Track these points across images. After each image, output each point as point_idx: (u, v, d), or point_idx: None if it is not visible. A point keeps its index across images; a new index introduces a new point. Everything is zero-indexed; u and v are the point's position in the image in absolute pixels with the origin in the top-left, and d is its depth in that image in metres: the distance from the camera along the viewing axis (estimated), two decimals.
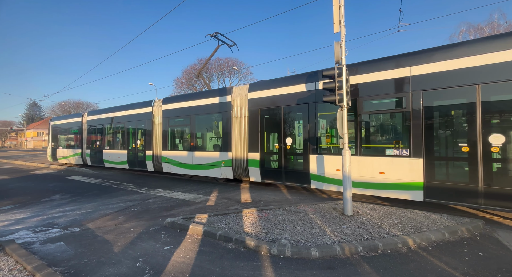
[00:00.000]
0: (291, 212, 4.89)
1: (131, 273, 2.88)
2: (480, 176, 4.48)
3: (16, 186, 8.82)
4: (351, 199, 4.72)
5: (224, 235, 3.72)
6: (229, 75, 31.62)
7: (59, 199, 6.82)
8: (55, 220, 4.91)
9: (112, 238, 3.91)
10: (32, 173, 12.48)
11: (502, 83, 4.40)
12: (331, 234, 3.79)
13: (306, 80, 6.78)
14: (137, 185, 8.64)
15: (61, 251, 3.48)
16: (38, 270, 2.75)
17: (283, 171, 7.09)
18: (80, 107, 49.85)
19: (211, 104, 8.67)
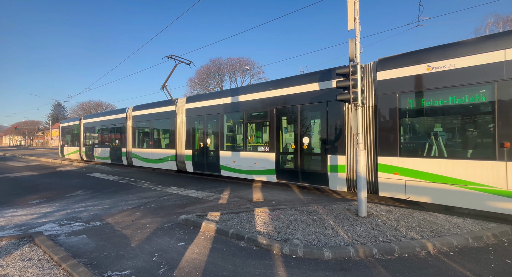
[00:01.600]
0: (303, 212, 4.85)
1: (148, 267, 2.99)
2: (299, 163, 6.83)
3: (43, 182, 9.44)
4: (366, 200, 4.59)
5: (236, 233, 3.76)
6: (241, 74, 31.79)
7: (81, 194, 7.21)
8: (78, 214, 5.20)
9: (129, 233, 4.08)
10: (57, 169, 13.29)
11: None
12: (344, 235, 3.71)
13: (217, 96, 9.01)
14: (153, 182, 8.94)
15: (84, 244, 3.69)
16: (64, 260, 2.94)
17: (205, 163, 9.21)
18: (99, 108, 52.25)
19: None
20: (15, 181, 9.73)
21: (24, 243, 3.58)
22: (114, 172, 11.92)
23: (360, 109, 4.64)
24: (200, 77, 32.41)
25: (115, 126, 13.38)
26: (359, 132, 4.64)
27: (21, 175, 11.32)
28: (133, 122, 12.20)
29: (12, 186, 8.79)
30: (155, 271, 2.89)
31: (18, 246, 3.49)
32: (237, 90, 8.60)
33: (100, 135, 14.90)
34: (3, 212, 5.53)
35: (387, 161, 5.22)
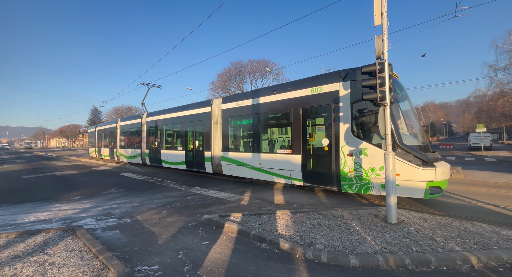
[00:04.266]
0: (327, 216, 4.68)
1: (174, 264, 3.12)
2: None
3: (83, 180, 10.41)
4: (396, 205, 4.28)
5: (258, 235, 3.75)
6: (261, 76, 31.94)
7: (115, 192, 7.79)
8: (112, 211, 5.63)
9: (157, 231, 4.30)
10: (94, 169, 14.56)
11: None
12: (372, 242, 3.50)
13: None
14: (177, 182, 9.33)
15: (117, 238, 3.97)
16: (100, 253, 3.19)
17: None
18: (130, 111, 56.23)
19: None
20: (60, 179, 10.87)
21: (67, 235, 3.97)
22: (143, 172, 12.69)
23: (388, 110, 4.36)
24: (221, 81, 33.26)
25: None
26: (387, 133, 4.36)
27: (65, 173, 12.60)
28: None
29: (57, 183, 9.82)
30: (180, 269, 3.00)
31: (63, 237, 3.87)
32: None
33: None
34: (51, 206, 6.19)
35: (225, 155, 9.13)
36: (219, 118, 9.38)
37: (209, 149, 9.67)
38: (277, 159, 7.39)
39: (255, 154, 8.00)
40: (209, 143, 9.65)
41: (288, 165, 7.08)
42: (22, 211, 5.83)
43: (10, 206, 6.40)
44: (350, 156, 5.78)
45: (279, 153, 7.40)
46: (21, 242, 3.72)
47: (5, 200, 7.00)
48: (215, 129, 9.50)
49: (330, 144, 6.18)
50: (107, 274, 2.79)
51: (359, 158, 5.64)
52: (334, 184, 6.17)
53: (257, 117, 8.02)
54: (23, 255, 3.30)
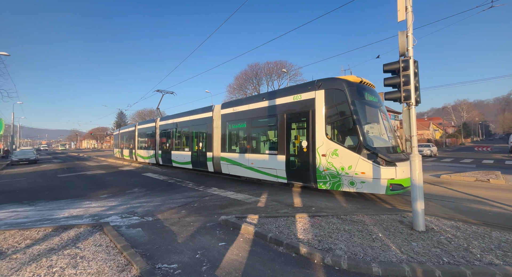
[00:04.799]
0: (347, 221, 4.50)
1: (192, 263, 3.19)
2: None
3: (109, 179, 11.11)
4: (423, 212, 4.00)
5: (275, 238, 3.71)
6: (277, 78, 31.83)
7: (138, 191, 8.20)
8: (135, 209, 5.93)
9: (176, 230, 4.44)
10: (119, 169, 15.47)
11: None
12: (397, 250, 3.29)
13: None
14: (196, 183, 9.58)
15: (140, 236, 4.16)
16: (125, 249, 3.37)
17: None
18: (152, 114, 59.04)
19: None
20: (90, 178, 11.70)
21: (96, 231, 4.24)
22: (164, 172, 13.22)
23: (414, 110, 4.10)
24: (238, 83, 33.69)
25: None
26: (413, 134, 4.10)
27: (94, 173, 13.55)
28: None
29: (88, 182, 10.58)
30: (198, 268, 3.05)
31: (92, 233, 4.15)
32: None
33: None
34: (82, 204, 6.68)
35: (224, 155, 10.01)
36: (219, 123, 10.44)
37: (210, 150, 10.73)
38: (265, 159, 8.15)
39: (248, 155, 8.87)
40: (211, 145, 10.71)
41: (275, 164, 7.81)
42: (57, 207, 6.36)
43: (48, 202, 7.02)
44: (324, 156, 6.42)
45: (267, 154, 8.16)
46: (56, 235, 4.05)
47: (44, 197, 7.69)
48: (215, 132, 10.57)
49: (308, 146, 6.85)
50: (131, 269, 2.93)
51: (332, 158, 6.29)
52: (311, 181, 6.82)
53: (250, 122, 8.94)
54: (58, 247, 3.59)
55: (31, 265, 3.09)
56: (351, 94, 6.20)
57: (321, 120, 6.53)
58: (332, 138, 6.36)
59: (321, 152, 6.47)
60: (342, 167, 6.10)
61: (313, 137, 6.67)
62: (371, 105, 6.64)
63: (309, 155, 6.77)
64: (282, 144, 7.61)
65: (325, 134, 6.42)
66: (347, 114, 6.12)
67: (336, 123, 6.44)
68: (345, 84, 6.33)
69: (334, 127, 6.46)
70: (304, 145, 6.95)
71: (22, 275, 2.86)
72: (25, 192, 8.58)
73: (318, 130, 6.55)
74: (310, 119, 6.79)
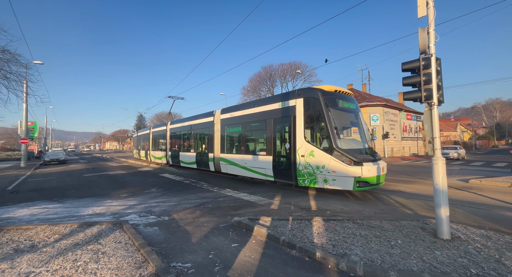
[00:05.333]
0: (363, 226, 4.33)
1: (205, 263, 3.24)
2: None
3: (129, 179, 11.65)
4: (448, 218, 3.74)
5: (287, 241, 3.67)
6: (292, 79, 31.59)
7: (155, 192, 8.51)
8: (152, 209, 6.15)
9: (191, 230, 4.54)
10: (138, 169, 16.17)
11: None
12: (418, 258, 3.11)
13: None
14: (210, 184, 9.75)
15: (156, 235, 4.31)
16: (142, 247, 3.51)
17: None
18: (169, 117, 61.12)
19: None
20: (112, 178, 12.36)
21: (116, 228, 4.46)
22: (180, 173, 13.61)
23: (436, 111, 3.87)
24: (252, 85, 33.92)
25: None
26: (435, 136, 3.87)
27: (115, 173, 14.28)
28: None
29: (110, 181, 11.18)
30: (211, 268, 3.10)
31: (113, 230, 4.37)
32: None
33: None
34: (104, 202, 7.07)
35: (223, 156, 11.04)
36: (219, 127, 11.54)
37: (212, 151, 11.79)
38: (257, 159, 9.06)
39: (242, 155, 9.81)
40: (212, 147, 11.78)
41: (264, 164, 8.67)
42: (83, 205, 6.78)
43: (74, 200, 7.51)
44: (303, 157, 7.21)
45: (258, 155, 9.05)
46: (81, 231, 4.32)
47: (71, 195, 8.25)
48: (216, 135, 11.69)
49: (290, 148, 7.65)
50: (147, 267, 3.04)
51: (309, 158, 7.05)
52: (293, 179, 7.58)
53: (244, 126, 9.92)
54: (82, 243, 3.82)
55: (58, 258, 3.32)
56: (325, 102, 6.96)
57: (301, 125, 7.35)
58: (309, 141, 7.14)
59: (301, 153, 7.29)
60: (317, 166, 6.88)
61: (294, 140, 7.49)
62: (345, 111, 7.39)
63: (291, 155, 7.60)
64: (269, 146, 8.56)
65: (304, 138, 7.23)
66: (321, 120, 6.88)
67: (312, 127, 7.21)
68: (320, 93, 7.11)
69: (311, 131, 7.23)
70: (287, 147, 7.80)
71: (51, 267, 3.08)
72: (55, 190, 9.26)
73: (298, 134, 7.37)
74: (292, 124, 7.63)
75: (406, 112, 28.42)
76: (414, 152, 29.45)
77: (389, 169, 14.38)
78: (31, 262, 3.23)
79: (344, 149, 6.54)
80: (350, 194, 7.45)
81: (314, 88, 7.44)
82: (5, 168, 17.95)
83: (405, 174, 12.19)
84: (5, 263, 3.21)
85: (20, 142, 20.45)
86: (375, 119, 23.92)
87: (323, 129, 6.90)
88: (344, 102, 7.39)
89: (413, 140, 29.55)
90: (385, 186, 8.74)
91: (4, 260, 3.29)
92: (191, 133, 14.11)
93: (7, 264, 3.19)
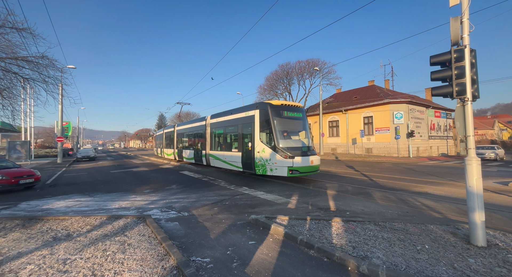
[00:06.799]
0: (386, 228, 4.13)
1: (223, 259, 3.30)
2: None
3: (152, 176, 12.24)
4: (483, 224, 3.43)
5: (305, 241, 3.62)
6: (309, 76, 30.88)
7: (175, 188, 8.85)
8: (172, 204, 6.41)
9: (209, 226, 4.65)
10: (160, 167, 16.93)
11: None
12: (448, 265, 2.90)
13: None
14: (228, 182, 9.91)
15: (176, 229, 4.49)
16: (164, 240, 3.67)
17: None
18: (188, 116, 63.16)
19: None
20: (135, 174, 13.07)
21: (140, 222, 4.72)
22: (199, 170, 14.00)
23: (470, 107, 3.56)
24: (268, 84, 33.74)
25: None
26: (468, 134, 3.56)
27: (139, 170, 15.08)
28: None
29: (134, 177, 11.84)
30: (229, 264, 3.15)
31: (137, 223, 4.63)
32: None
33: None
34: (129, 197, 7.51)
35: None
36: (209, 129, 14.23)
37: (204, 149, 14.69)
38: (232, 155, 11.58)
39: (223, 152, 12.48)
40: (204, 145, 14.70)
41: (236, 159, 11.17)
42: (110, 199, 7.26)
43: (103, 194, 8.07)
44: (258, 153, 9.63)
45: (233, 151, 11.56)
46: (109, 223, 4.63)
47: (100, 189, 8.87)
48: (207, 136, 14.49)
49: (251, 146, 10.11)
50: (169, 259, 3.17)
51: (261, 154, 9.48)
52: (253, 169, 10.00)
53: (224, 129, 12.58)
54: (110, 234, 4.09)
55: (90, 247, 3.59)
56: (272, 113, 9.38)
57: (257, 129, 9.79)
58: (262, 141, 9.54)
59: (257, 150, 9.71)
60: (266, 159, 9.28)
61: (253, 141, 9.94)
62: (289, 119, 9.79)
63: (252, 152, 10.01)
64: (239, 145, 11.06)
65: (259, 139, 9.66)
66: (269, 126, 9.30)
67: (264, 131, 9.61)
68: (269, 106, 9.54)
69: (263, 134, 9.63)
70: (249, 145, 10.25)
71: (84, 255, 3.35)
72: (86, 184, 10.01)
73: (256, 136, 9.82)
74: (252, 128, 10.09)
75: (434, 109, 26.51)
76: (443, 152, 27.40)
77: (414, 169, 13.54)
78: (67, 249, 3.53)
79: (282, 147, 8.91)
80: (371, 196, 7.14)
81: (265, 102, 9.88)
82: (44, 164, 19.80)
83: (433, 175, 11.40)
84: (46, 249, 3.54)
85: (56, 140, 22.39)
86: (399, 117, 22.61)
87: (270, 133, 9.23)
88: (288, 113, 9.74)
89: (442, 138, 27.50)
90: (410, 188, 8.25)
91: (45, 247, 3.64)
92: (191, 134, 17.13)
93: (47, 250, 3.52)
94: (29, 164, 18.74)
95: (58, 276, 2.83)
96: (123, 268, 2.99)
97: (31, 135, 24.50)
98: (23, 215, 5.63)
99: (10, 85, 8.52)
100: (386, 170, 13.39)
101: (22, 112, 10.65)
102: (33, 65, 8.55)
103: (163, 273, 2.86)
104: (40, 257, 3.31)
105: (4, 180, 8.23)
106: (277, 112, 9.45)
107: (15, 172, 8.80)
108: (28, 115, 14.81)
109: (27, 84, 9.06)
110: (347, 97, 30.45)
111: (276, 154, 8.87)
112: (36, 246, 3.68)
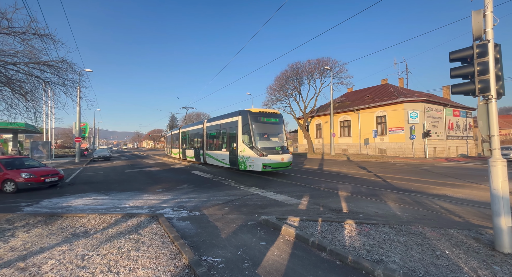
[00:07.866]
0: (402, 231, 3.97)
1: (234, 259, 3.30)
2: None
3: (164, 175, 12.51)
4: (510, 230, 3.22)
5: (317, 243, 3.55)
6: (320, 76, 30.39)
7: (186, 188, 8.99)
8: (184, 204, 6.50)
9: (220, 225, 4.68)
10: (171, 167, 17.27)
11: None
12: (471, 272, 2.74)
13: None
14: (238, 182, 9.95)
15: (188, 228, 4.54)
16: (176, 239, 3.72)
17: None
18: (199, 117, 64.12)
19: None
20: (148, 174, 13.41)
21: (153, 220, 4.82)
22: (209, 170, 14.16)
23: (494, 105, 3.36)
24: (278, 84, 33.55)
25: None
26: (493, 134, 3.36)
27: (151, 170, 15.46)
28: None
29: (147, 177, 12.15)
30: (240, 265, 3.15)
31: (150, 222, 4.73)
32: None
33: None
34: (142, 196, 7.70)
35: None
36: (205, 132, 16.26)
37: (202, 149, 16.64)
38: (222, 153, 13.62)
39: (216, 151, 14.53)
40: (202, 145, 16.65)
41: (225, 157, 13.18)
42: (124, 198, 7.48)
43: (118, 193, 8.33)
44: (241, 152, 11.46)
45: (222, 150, 13.61)
46: (124, 222, 4.77)
47: (115, 188, 9.17)
48: (204, 138, 16.52)
49: (236, 146, 11.97)
50: (181, 258, 3.21)
51: (243, 152, 11.33)
52: (237, 166, 11.82)
53: (216, 132, 14.63)
54: (125, 232, 4.21)
55: (106, 244, 3.71)
56: (251, 118, 11.30)
57: (240, 132, 11.68)
58: (244, 142, 11.35)
59: (240, 149, 11.56)
60: (247, 157, 11.10)
61: (237, 142, 11.80)
62: (266, 123, 11.75)
63: (236, 151, 11.84)
64: (228, 145, 13.04)
65: (242, 140, 11.49)
66: (249, 129, 11.20)
67: (245, 134, 11.42)
68: (249, 113, 11.45)
69: (245, 136, 11.41)
70: (234, 145, 12.18)
71: (100, 251, 3.46)
72: (102, 183, 10.39)
73: (239, 137, 11.66)
74: (237, 131, 11.97)
75: (452, 108, 25.30)
76: (463, 153, 26.10)
77: (430, 170, 12.98)
78: (85, 246, 3.67)
79: (259, 147, 10.87)
80: (385, 197, 6.91)
81: (246, 110, 11.74)
82: (63, 163, 20.77)
83: (452, 176, 10.87)
84: (66, 245, 3.70)
85: (74, 140, 23.43)
86: (414, 116, 21.77)
87: (250, 135, 11.12)
88: (265, 118, 11.71)
89: (461, 138, 26.20)
90: (427, 190, 7.91)
91: (65, 243, 3.80)
92: (192, 136, 19.38)
93: (67, 246, 3.68)
94: (50, 163, 19.73)
95: (77, 271, 2.94)
96: (137, 265, 3.06)
97: (52, 136, 25.77)
98: (44, 212, 5.92)
99: (33, 88, 8.99)
100: (400, 171, 12.93)
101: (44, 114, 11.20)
102: (53, 69, 8.98)
103: (176, 272, 2.90)
104: (60, 253, 3.45)
105: (32, 178, 8.70)
106: (255, 118, 11.40)
107: (41, 170, 9.28)
108: (49, 116, 15.57)
109: (48, 87, 9.50)
110: (359, 97, 29.71)
111: (253, 153, 10.78)
112: (57, 242, 3.85)
